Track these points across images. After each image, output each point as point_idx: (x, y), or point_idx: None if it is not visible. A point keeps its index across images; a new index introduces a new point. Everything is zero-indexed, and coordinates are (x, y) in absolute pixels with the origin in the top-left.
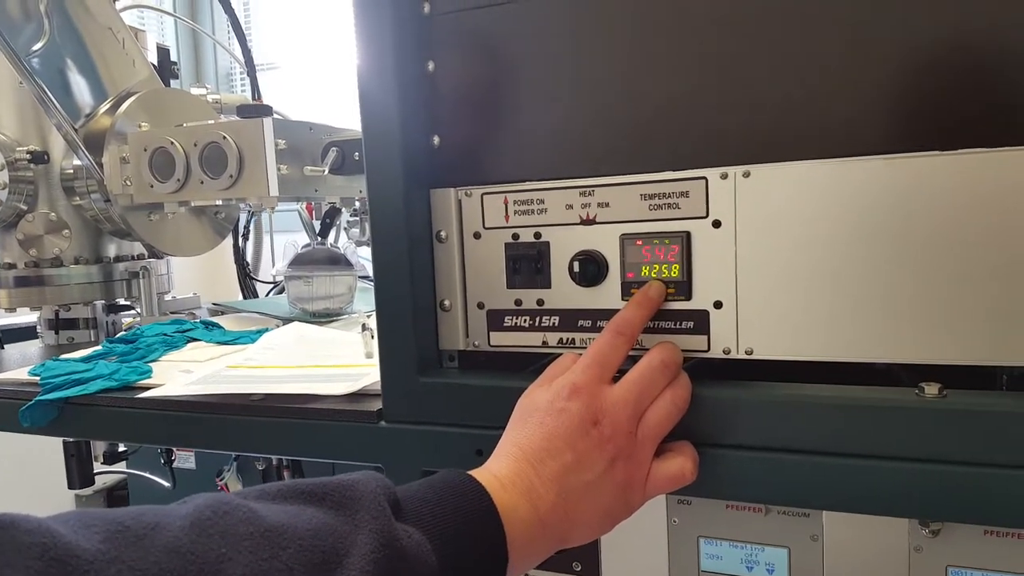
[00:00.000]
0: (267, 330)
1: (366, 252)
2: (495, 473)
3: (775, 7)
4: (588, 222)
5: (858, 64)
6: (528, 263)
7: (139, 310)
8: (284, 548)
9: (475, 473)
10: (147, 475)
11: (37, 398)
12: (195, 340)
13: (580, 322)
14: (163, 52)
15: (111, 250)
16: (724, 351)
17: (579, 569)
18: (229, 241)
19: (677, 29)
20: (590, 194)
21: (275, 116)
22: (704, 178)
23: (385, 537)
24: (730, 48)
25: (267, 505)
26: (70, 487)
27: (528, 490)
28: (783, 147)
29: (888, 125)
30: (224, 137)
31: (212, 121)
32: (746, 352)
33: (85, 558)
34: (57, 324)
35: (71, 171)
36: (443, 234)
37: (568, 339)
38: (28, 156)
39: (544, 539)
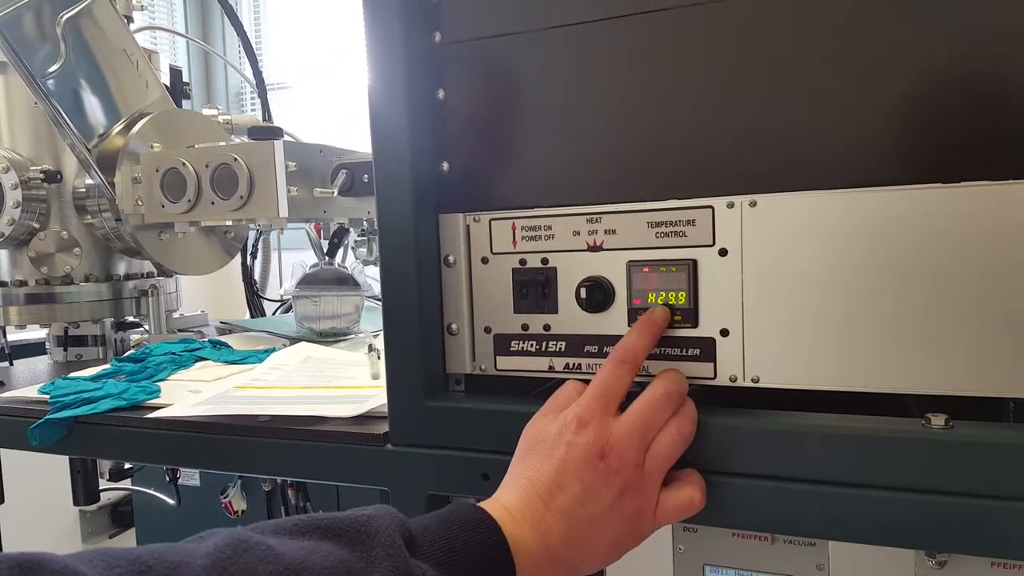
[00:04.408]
0: (274, 350)
1: (374, 272)
2: (505, 504)
3: (782, 38)
4: (595, 248)
5: (865, 95)
6: (535, 288)
7: (147, 327)
8: None
9: (485, 505)
10: (152, 492)
11: (47, 416)
12: (203, 359)
13: (586, 348)
14: (175, 73)
15: (121, 268)
16: (730, 379)
17: None
18: (237, 259)
19: (686, 59)
20: (597, 221)
21: (286, 138)
22: (711, 207)
23: (400, 573)
24: (737, 78)
25: (284, 541)
26: (75, 503)
27: (538, 523)
28: (789, 177)
29: (894, 157)
30: (235, 159)
31: (223, 143)
32: (752, 380)
33: None
34: (66, 341)
35: (83, 190)
36: (451, 259)
37: (574, 364)
38: (41, 175)
39: (553, 571)
